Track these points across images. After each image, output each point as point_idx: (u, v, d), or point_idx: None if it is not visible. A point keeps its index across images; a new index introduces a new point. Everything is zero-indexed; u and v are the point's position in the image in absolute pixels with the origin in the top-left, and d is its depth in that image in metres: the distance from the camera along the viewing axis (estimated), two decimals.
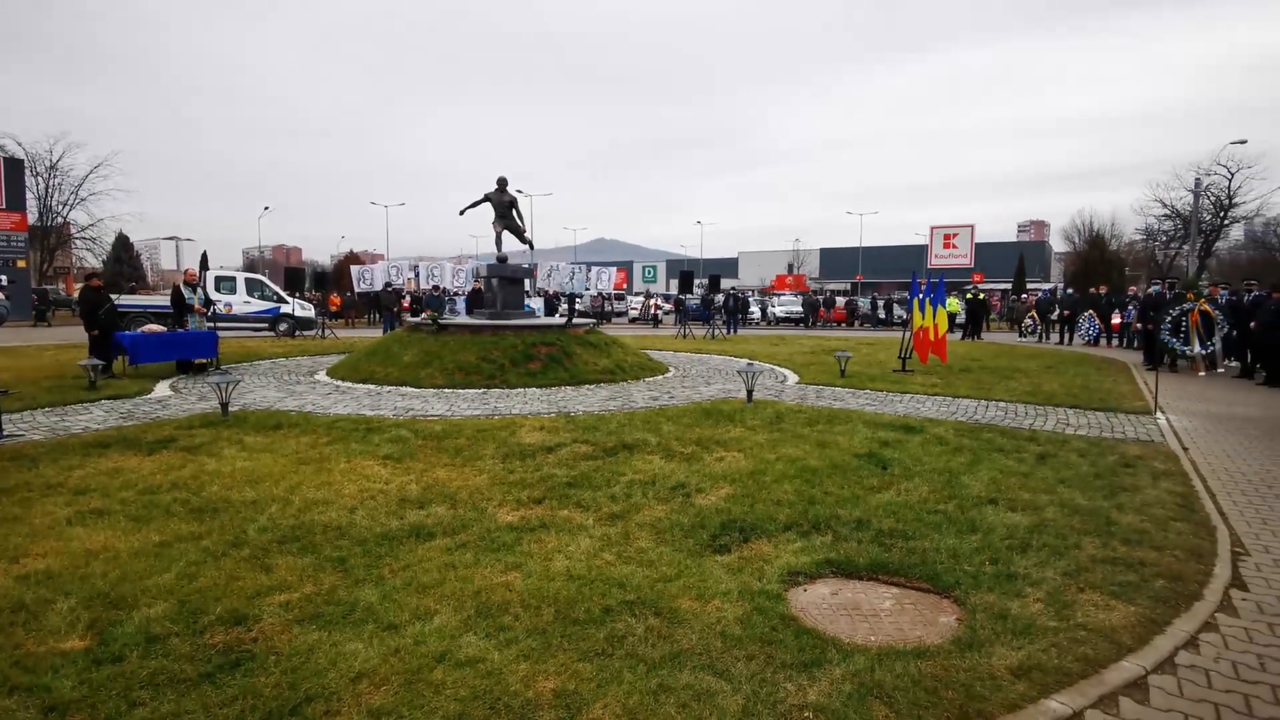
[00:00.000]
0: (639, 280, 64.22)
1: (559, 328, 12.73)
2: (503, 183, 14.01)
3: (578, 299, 32.49)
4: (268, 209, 58.38)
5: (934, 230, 56.89)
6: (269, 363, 13.92)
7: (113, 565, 3.70)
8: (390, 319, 24.09)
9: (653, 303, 35.62)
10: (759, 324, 36.04)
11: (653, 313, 34.50)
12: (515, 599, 3.37)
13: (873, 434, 7.01)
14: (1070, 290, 26.67)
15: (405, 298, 27.46)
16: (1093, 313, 20.85)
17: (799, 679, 2.74)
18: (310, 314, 23.66)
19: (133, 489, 5.05)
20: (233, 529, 4.26)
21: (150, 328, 12.77)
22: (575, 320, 13.82)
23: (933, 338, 12.79)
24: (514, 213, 14.16)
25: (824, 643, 3.01)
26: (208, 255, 48.92)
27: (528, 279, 17.18)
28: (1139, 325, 17.40)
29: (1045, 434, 7.35)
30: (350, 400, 9.22)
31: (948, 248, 56.09)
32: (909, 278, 15.70)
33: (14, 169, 33.20)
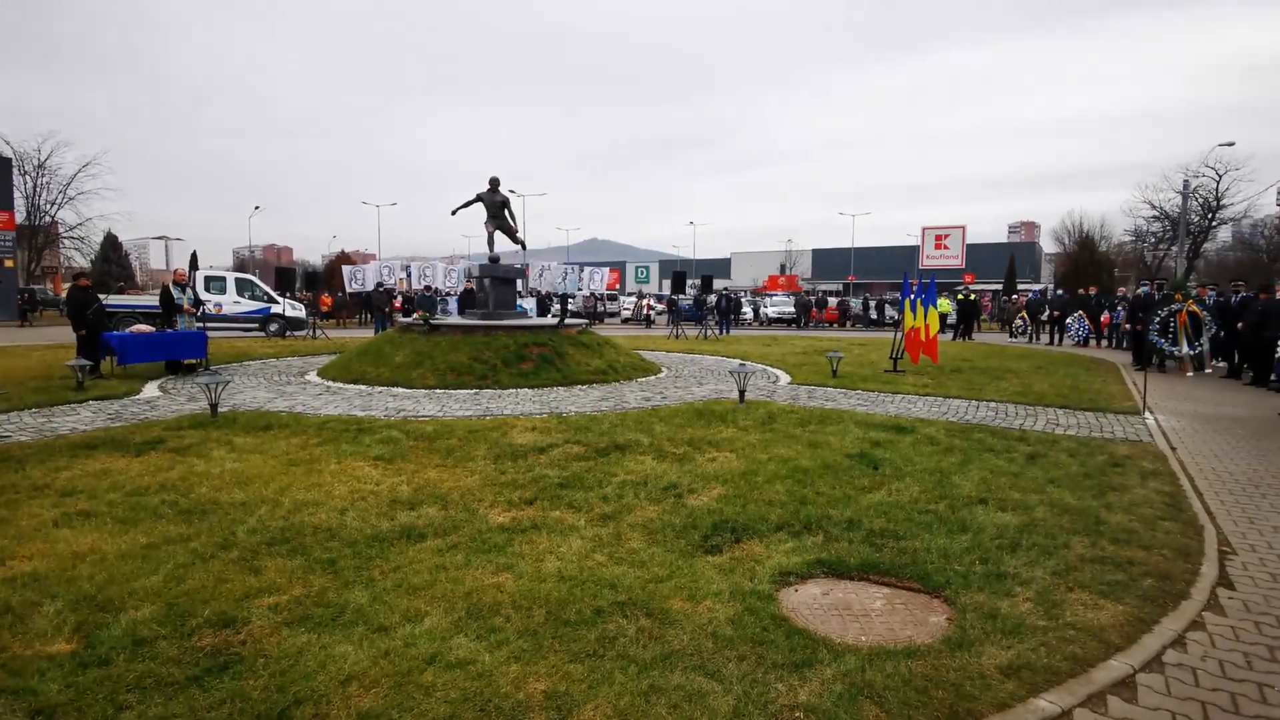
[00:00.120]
0: (632, 281, 64.21)
1: (551, 328, 12.72)
2: (495, 183, 13.99)
3: (570, 299, 32.46)
4: (258, 208, 58.15)
5: (925, 231, 57.10)
6: (259, 363, 13.84)
7: (100, 567, 3.67)
8: (382, 319, 24.01)
9: (645, 303, 35.64)
10: (751, 324, 36.10)
11: (645, 313, 34.51)
12: (506, 600, 3.36)
13: (864, 434, 7.03)
14: (1060, 291, 26.84)
15: (397, 298, 27.34)
16: (1082, 313, 21.00)
17: (790, 679, 2.75)
18: (301, 314, 23.55)
19: (120, 490, 5.01)
20: (221, 531, 4.23)
21: (138, 328, 12.68)
22: (568, 321, 13.80)
23: (924, 338, 12.85)
24: (506, 213, 14.14)
25: (815, 643, 3.02)
26: (197, 255, 48.61)
27: (520, 279, 17.13)
28: (1128, 326, 17.55)
29: (1035, 434, 7.39)
30: (341, 401, 9.18)
31: (939, 249, 56.31)
32: (900, 278, 15.76)
33: (1, 168, 32.90)
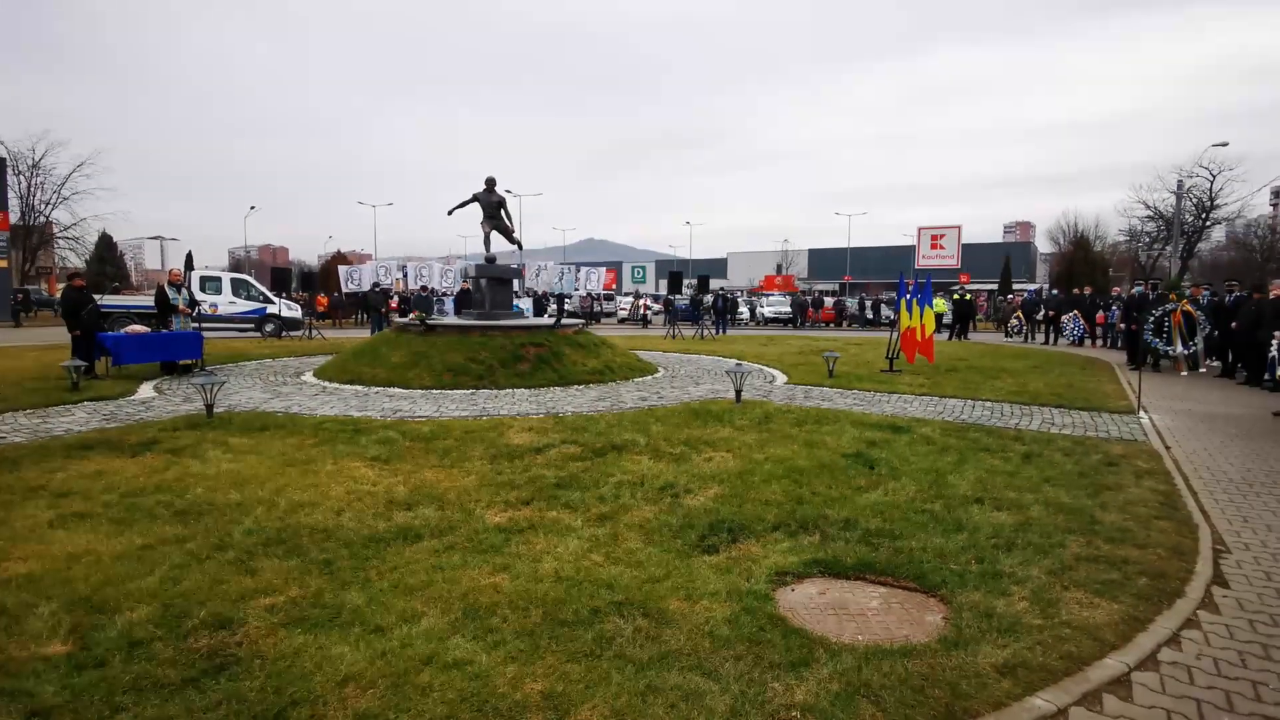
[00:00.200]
0: (628, 281, 64.17)
1: (548, 328, 12.71)
2: (491, 182, 13.98)
3: (567, 299, 32.45)
4: (254, 209, 58.06)
5: (921, 231, 57.19)
6: (255, 364, 13.81)
7: (95, 569, 3.65)
8: (378, 319, 23.94)
9: (642, 303, 35.64)
10: (748, 324, 36.08)
11: (642, 313, 34.50)
12: (503, 600, 3.36)
13: (860, 434, 7.04)
14: (1055, 291, 26.92)
15: (393, 298, 27.27)
16: (1077, 313, 21.06)
17: (787, 679, 2.75)
18: (297, 314, 23.48)
19: (116, 492, 4.99)
20: (217, 532, 4.22)
21: (134, 328, 12.63)
22: (564, 321, 13.79)
23: (920, 338, 12.87)
24: (502, 213, 14.13)
25: (812, 642, 3.02)
26: (193, 255, 48.52)
27: (516, 279, 17.11)
28: (1122, 325, 17.60)
29: (1031, 433, 7.41)
30: (337, 401, 9.16)
31: (935, 249, 56.39)
32: (896, 278, 15.79)
33: None
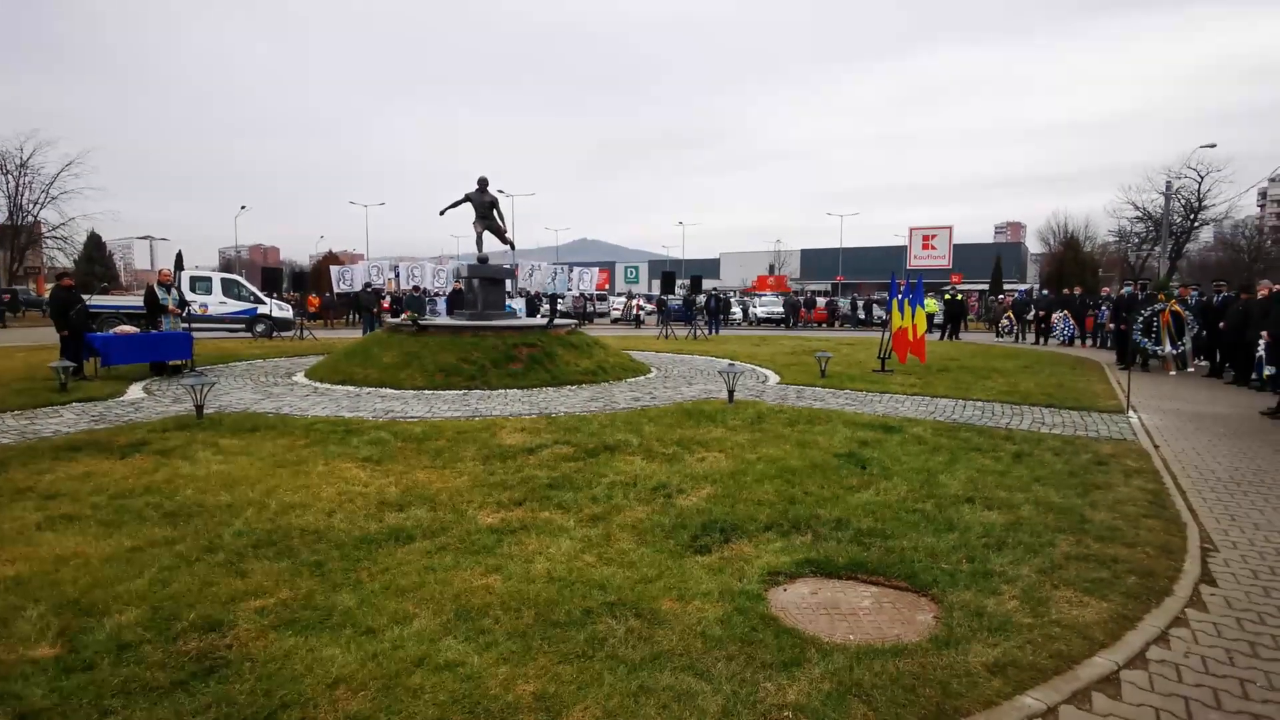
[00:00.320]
0: (621, 281, 64.17)
1: (540, 329, 12.69)
2: (483, 182, 13.94)
3: (560, 299, 32.42)
4: (245, 208, 57.83)
5: (913, 231, 57.40)
6: (246, 364, 13.73)
7: (84, 571, 3.63)
8: (370, 320, 23.85)
9: (635, 303, 35.63)
10: (740, 324, 36.16)
11: (635, 313, 34.51)
12: (495, 601, 3.35)
13: (852, 434, 7.07)
14: (1045, 291, 27.10)
15: (385, 298, 27.19)
16: (1067, 313, 21.20)
17: (779, 678, 2.76)
18: (288, 315, 23.35)
19: (104, 493, 4.96)
20: (207, 534, 4.20)
21: (123, 329, 12.54)
22: (557, 321, 13.78)
23: (911, 338, 12.93)
24: (495, 213, 14.09)
25: (804, 642, 3.03)
26: (182, 255, 48.28)
27: (509, 279, 17.09)
28: (1112, 325, 17.73)
29: (1021, 433, 7.45)
30: (329, 402, 9.12)
31: (926, 249, 56.62)
32: (888, 278, 15.85)
33: None
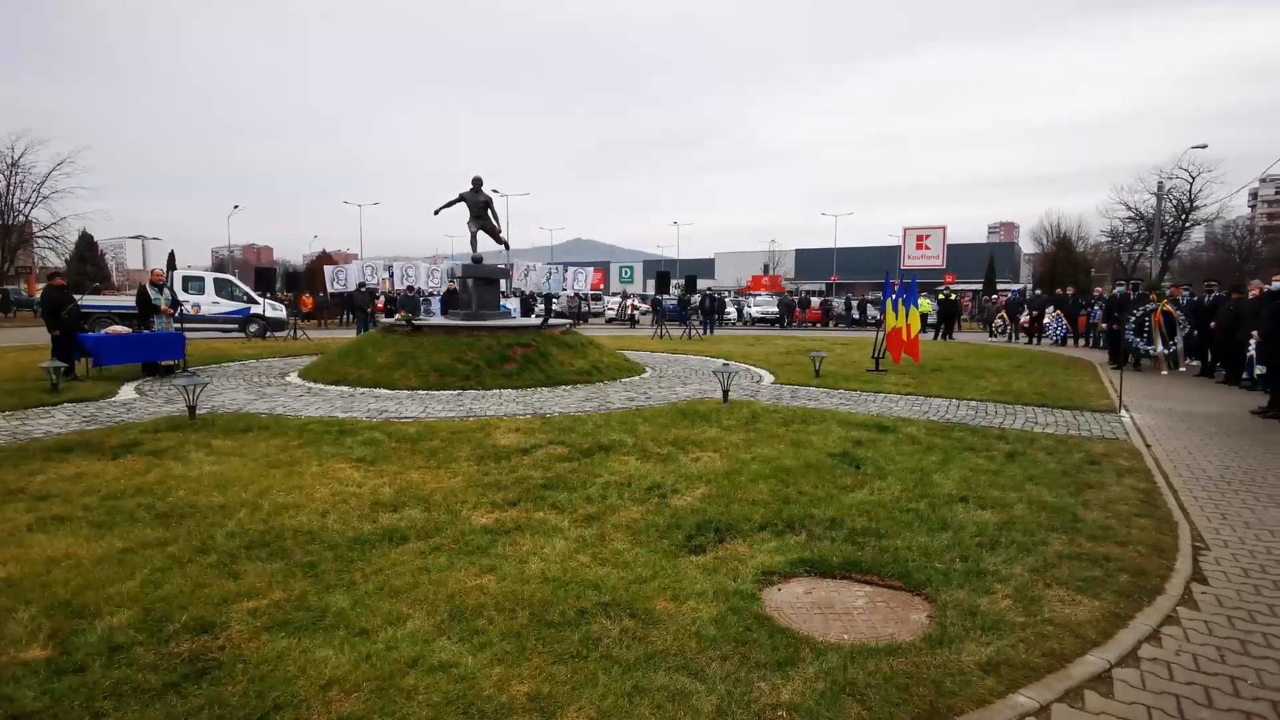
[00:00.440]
0: (616, 281, 64.17)
1: (535, 328, 12.68)
2: (478, 182, 13.92)
3: (554, 299, 32.38)
4: (238, 208, 57.68)
5: (907, 231, 57.60)
6: (239, 365, 13.67)
7: (75, 573, 3.60)
8: (364, 320, 23.78)
9: (629, 303, 35.64)
10: (735, 324, 36.19)
11: (629, 313, 34.51)
12: (490, 602, 3.35)
13: (846, 433, 7.08)
14: (1038, 291, 27.21)
15: (379, 298, 27.11)
16: (1060, 312, 21.30)
17: (773, 678, 2.76)
18: (282, 315, 23.26)
19: (96, 494, 4.93)
20: (200, 535, 4.18)
21: (115, 329, 12.47)
22: (551, 321, 13.76)
23: (905, 338, 12.96)
24: (489, 213, 14.07)
25: (798, 642, 3.03)
26: (175, 255, 48.05)
27: (503, 279, 17.06)
28: (1104, 325, 17.81)
29: (1014, 432, 7.48)
30: (322, 402, 9.09)
31: (920, 249, 56.84)
32: (883, 278, 15.89)
33: None
